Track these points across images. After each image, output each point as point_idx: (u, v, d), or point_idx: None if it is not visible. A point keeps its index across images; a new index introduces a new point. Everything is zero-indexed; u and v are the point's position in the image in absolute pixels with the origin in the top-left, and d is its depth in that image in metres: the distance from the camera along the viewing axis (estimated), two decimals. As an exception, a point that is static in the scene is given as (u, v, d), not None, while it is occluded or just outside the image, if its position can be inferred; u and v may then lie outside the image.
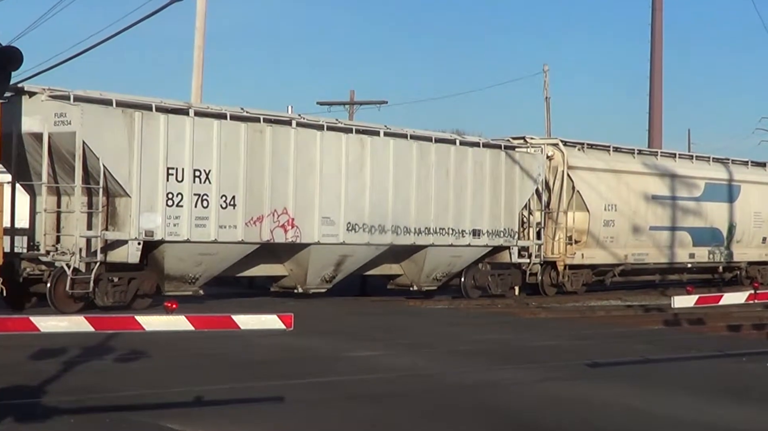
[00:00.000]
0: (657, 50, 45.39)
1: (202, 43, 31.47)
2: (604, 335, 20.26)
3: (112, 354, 15.13)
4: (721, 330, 21.70)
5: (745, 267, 37.34)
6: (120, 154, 21.97)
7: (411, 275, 28.34)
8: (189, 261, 23.28)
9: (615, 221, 32.07)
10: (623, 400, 12.55)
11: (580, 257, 31.29)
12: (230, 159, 23.57)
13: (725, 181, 36.38)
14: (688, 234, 34.65)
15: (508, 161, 29.35)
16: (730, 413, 11.95)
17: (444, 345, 17.95)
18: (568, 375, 14.63)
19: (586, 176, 31.43)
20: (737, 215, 36.51)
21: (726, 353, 17.20)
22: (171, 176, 22.63)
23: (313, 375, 13.91)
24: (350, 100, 57.43)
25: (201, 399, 11.78)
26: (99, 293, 22.09)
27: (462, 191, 28.25)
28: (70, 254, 21.75)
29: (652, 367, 15.74)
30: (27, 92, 21.93)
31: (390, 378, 13.95)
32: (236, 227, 23.66)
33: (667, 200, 34.00)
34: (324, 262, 25.80)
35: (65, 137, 21.63)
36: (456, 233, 28.13)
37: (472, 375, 14.42)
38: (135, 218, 22.13)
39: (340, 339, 18.59)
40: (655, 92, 45.72)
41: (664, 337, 20.27)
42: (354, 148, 25.99)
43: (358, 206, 25.98)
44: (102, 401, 11.60)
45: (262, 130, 24.27)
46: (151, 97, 23.06)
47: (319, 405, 11.81)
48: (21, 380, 12.71)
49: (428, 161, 27.51)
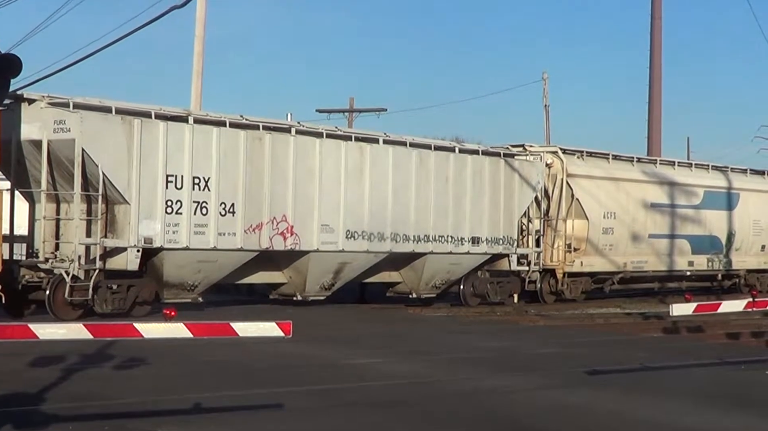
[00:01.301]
0: (656, 58, 45.42)
1: (202, 50, 31.49)
2: (603, 342, 20.25)
3: (110, 361, 15.12)
4: (720, 337, 21.69)
5: (744, 275, 37.37)
6: (119, 161, 21.99)
7: (410, 282, 28.35)
8: (188, 268, 23.28)
9: (614, 229, 32.10)
10: (622, 407, 12.55)
11: (579, 264, 31.30)
12: (229, 166, 23.58)
13: (724, 189, 36.42)
14: (687, 242, 34.67)
15: (507, 168, 29.38)
16: (729, 420, 11.94)
17: (443, 353, 17.95)
18: (566, 382, 14.62)
19: (586, 184, 31.45)
20: (736, 223, 36.53)
21: (725, 361, 17.19)
22: (170, 183, 22.65)
23: (313, 383, 13.91)
24: (349, 107, 57.47)
25: (200, 407, 11.78)
26: (98, 300, 22.09)
27: (461, 198, 28.26)
28: (69, 261, 21.76)
29: (651, 375, 15.75)
30: (26, 99, 21.95)
31: (389, 386, 13.94)
32: (235, 234, 23.66)
33: (666, 207, 34.02)
34: (323, 269, 25.81)
35: (64, 144, 21.64)
36: (455, 240, 28.14)
37: (471, 383, 14.42)
38: (134, 225, 22.13)
39: (339, 346, 18.59)
40: (654, 100, 45.74)
41: (662, 345, 20.27)
42: (353, 155, 26.01)
43: (358, 214, 25.99)
44: (101, 408, 11.60)
45: (262, 137, 24.29)
46: (150, 105, 23.08)
47: (318, 413, 11.81)
48: (20, 387, 12.70)
49: (427, 169, 27.53)
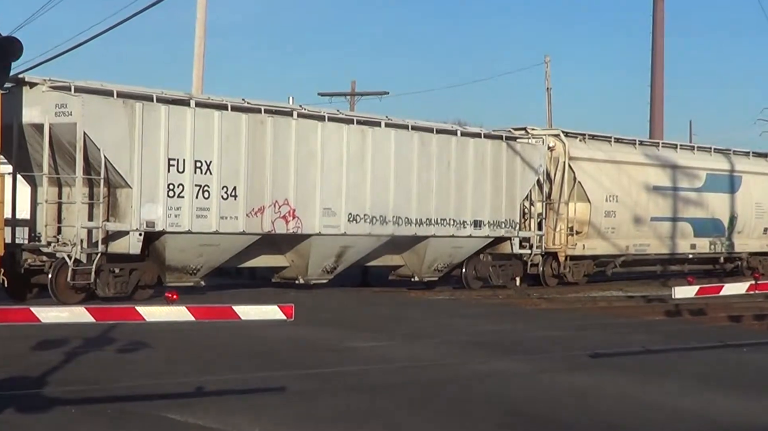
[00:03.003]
0: (658, 41, 45.32)
1: (203, 33, 31.46)
2: (606, 325, 20.26)
3: (113, 344, 15.14)
4: (722, 320, 21.71)
5: (747, 258, 37.37)
6: (121, 145, 21.97)
7: (412, 266, 28.35)
8: (190, 252, 23.28)
9: (616, 212, 32.07)
10: (624, 390, 12.56)
11: (582, 247, 31.30)
12: (231, 150, 23.56)
13: (727, 172, 36.38)
14: (689, 225, 34.66)
15: (509, 151, 29.34)
16: (730, 403, 11.95)
17: (445, 336, 17.96)
18: (569, 365, 14.63)
19: (588, 167, 31.42)
20: (738, 205, 36.50)
21: (727, 343, 17.20)
22: (172, 167, 22.63)
23: (314, 366, 13.91)
24: (351, 91, 57.43)
25: (202, 390, 11.79)
26: (100, 284, 22.10)
27: (463, 181, 28.24)
28: (71, 245, 21.77)
29: (653, 357, 15.75)
30: (28, 83, 21.91)
31: (391, 369, 13.96)
32: (237, 218, 23.66)
33: (669, 190, 33.99)
34: (325, 253, 25.81)
35: (66, 127, 21.62)
36: (457, 224, 28.13)
37: (473, 366, 14.42)
38: (136, 209, 22.13)
39: (341, 329, 18.60)
40: (656, 83, 45.66)
41: (665, 328, 20.27)
42: (355, 139, 25.98)
43: (359, 197, 25.98)
44: (103, 392, 11.62)
45: (263, 121, 24.26)
46: (152, 88, 23.04)
47: (320, 396, 11.82)
48: (22, 371, 12.72)
49: (429, 152, 27.50)
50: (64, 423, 10.08)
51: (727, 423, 10.93)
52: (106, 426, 10.02)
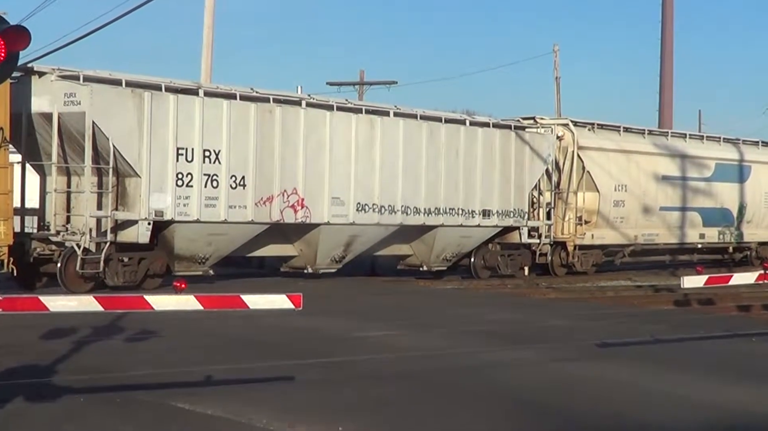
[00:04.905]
0: (668, 30, 45.21)
1: (212, 22, 31.45)
2: (614, 315, 20.25)
3: (121, 333, 15.16)
4: (731, 310, 21.67)
5: (756, 247, 37.30)
6: (130, 134, 21.98)
7: (421, 255, 28.34)
8: (199, 241, 23.30)
9: (625, 202, 32.02)
10: (633, 380, 12.55)
11: (590, 237, 31.25)
12: (240, 139, 23.56)
13: (736, 161, 36.29)
14: (698, 215, 34.59)
15: (518, 141, 29.30)
16: (739, 392, 11.93)
17: (454, 325, 17.96)
18: (577, 355, 14.63)
19: (596, 157, 31.36)
20: (748, 195, 36.42)
21: (735, 333, 17.18)
22: (181, 156, 22.64)
23: (323, 355, 13.92)
24: (360, 80, 57.31)
25: (210, 379, 11.80)
26: (109, 273, 22.13)
27: (472, 171, 28.20)
28: (80, 234, 21.80)
29: (662, 347, 15.73)
30: (36, 72, 21.93)
31: (399, 358, 13.96)
32: (246, 207, 23.67)
33: (678, 180, 33.92)
34: (334, 242, 25.81)
35: (75, 117, 21.63)
36: (466, 213, 28.11)
37: (482, 355, 14.43)
38: (145, 198, 22.15)
39: (349, 319, 18.61)
40: (665, 72, 45.57)
41: (673, 317, 20.25)
42: (364, 128, 25.96)
43: (368, 187, 25.96)
44: (112, 380, 11.63)
45: (272, 110, 24.24)
46: (160, 78, 23.04)
47: (328, 385, 11.83)
48: (31, 359, 12.75)
49: (438, 142, 27.46)
50: (73, 411, 10.09)
51: (738, 412, 10.91)
52: (115, 414, 10.03)
